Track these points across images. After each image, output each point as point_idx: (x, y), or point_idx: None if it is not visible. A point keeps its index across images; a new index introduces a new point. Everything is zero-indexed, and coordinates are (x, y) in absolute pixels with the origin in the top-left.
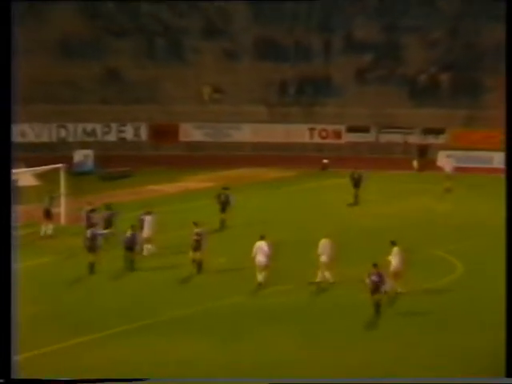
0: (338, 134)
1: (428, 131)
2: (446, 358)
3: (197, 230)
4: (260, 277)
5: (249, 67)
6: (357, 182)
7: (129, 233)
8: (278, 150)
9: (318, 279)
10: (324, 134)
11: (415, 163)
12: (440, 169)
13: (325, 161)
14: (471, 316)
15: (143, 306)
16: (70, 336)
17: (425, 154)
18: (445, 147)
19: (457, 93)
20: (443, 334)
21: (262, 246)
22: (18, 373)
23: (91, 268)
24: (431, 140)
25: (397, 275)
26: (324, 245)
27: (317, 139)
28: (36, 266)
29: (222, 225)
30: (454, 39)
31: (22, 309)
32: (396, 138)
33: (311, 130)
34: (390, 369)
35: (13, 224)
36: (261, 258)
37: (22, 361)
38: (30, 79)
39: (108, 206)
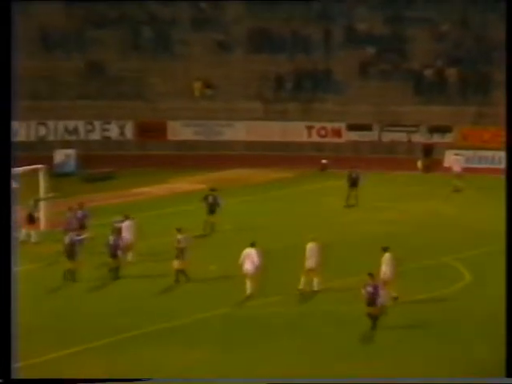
0: (337, 133)
1: (434, 129)
2: (447, 373)
3: (179, 236)
4: (248, 288)
5: (242, 60)
6: (354, 182)
7: (111, 239)
8: (273, 149)
9: (301, 286)
10: (323, 132)
11: (420, 163)
12: (447, 170)
13: (324, 161)
14: (475, 328)
15: (128, 317)
16: (50, 349)
17: (430, 154)
18: (452, 146)
19: (465, 88)
20: (444, 346)
21: (251, 253)
22: None
23: (71, 276)
24: (437, 139)
25: (387, 284)
26: (311, 249)
27: (315, 138)
28: (15, 275)
29: (212, 229)
30: (463, 31)
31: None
32: (400, 136)
33: (309, 128)
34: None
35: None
36: (249, 267)
37: None
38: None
39: (81, 206)
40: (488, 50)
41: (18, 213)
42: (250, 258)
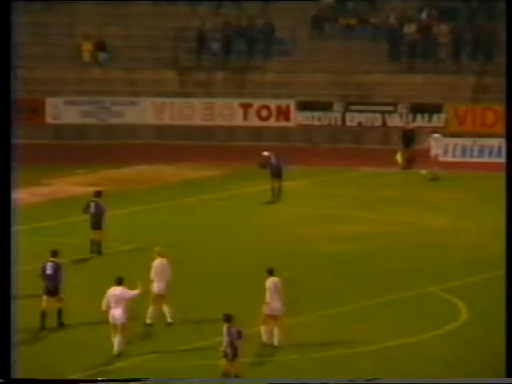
0: (284, 113)
1: (418, 108)
2: None
3: (52, 262)
4: (117, 343)
5: (150, 13)
6: (277, 172)
7: None
8: (194, 137)
9: (148, 319)
10: (264, 112)
11: (399, 157)
12: (435, 165)
13: (265, 153)
14: None
15: None
16: None
17: (412, 143)
18: (443, 132)
19: (461, 51)
20: None
21: (119, 293)
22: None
23: None
24: (423, 122)
25: (276, 321)
26: (158, 268)
27: (253, 120)
28: None
29: (97, 250)
30: None
31: None
32: (371, 118)
33: (245, 106)
34: None
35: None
36: (117, 313)
37: None
38: None
39: None
40: None
41: None
42: (117, 301)
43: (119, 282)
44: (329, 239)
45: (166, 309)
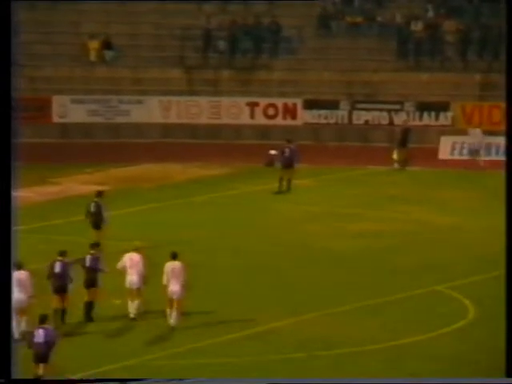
0: (291, 112)
1: (425, 106)
2: None
3: (60, 260)
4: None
5: (156, 11)
6: (288, 162)
7: None
8: (200, 135)
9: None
10: (271, 111)
11: (396, 155)
12: (443, 164)
13: (272, 152)
14: None
15: None
16: None
17: (408, 142)
18: (449, 130)
19: (468, 49)
20: None
21: (18, 280)
22: None
23: None
24: (430, 120)
25: (178, 305)
26: (127, 261)
27: (260, 119)
28: None
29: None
30: None
31: None
32: (378, 116)
33: (252, 105)
34: None
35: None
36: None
37: None
38: None
39: None
40: None
41: None
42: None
43: (19, 266)
44: (336, 237)
45: (135, 304)
